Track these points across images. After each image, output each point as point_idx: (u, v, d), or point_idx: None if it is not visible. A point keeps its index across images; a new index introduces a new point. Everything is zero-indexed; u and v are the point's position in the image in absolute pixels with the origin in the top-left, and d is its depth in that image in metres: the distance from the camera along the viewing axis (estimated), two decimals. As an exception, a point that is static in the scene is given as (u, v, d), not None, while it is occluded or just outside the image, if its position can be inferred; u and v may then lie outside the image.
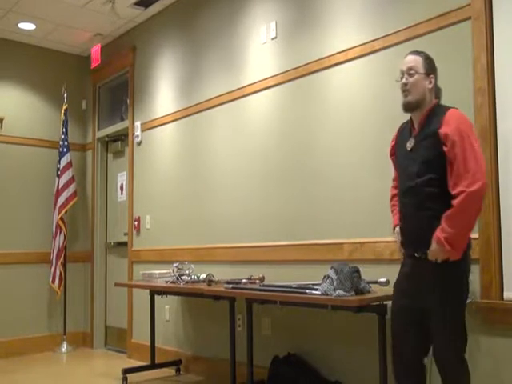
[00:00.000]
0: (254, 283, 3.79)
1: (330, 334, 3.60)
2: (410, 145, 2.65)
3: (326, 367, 3.60)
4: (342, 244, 3.52)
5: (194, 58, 4.95)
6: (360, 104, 3.53)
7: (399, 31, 3.30)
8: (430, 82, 2.62)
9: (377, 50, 3.43)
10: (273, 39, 4.16)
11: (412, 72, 2.61)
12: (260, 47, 4.27)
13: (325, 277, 3.02)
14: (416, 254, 2.57)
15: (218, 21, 4.69)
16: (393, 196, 2.90)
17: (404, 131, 2.75)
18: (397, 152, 2.78)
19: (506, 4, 2.85)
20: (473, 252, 2.61)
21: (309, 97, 3.86)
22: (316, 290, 3.02)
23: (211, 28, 4.77)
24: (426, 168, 2.53)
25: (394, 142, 2.84)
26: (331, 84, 3.72)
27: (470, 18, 2.96)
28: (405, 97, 2.63)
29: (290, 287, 3.26)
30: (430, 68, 2.64)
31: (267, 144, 4.17)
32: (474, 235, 2.82)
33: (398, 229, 2.76)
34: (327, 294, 2.93)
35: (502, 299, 2.77)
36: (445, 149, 2.47)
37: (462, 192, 2.39)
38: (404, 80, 2.63)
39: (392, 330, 2.68)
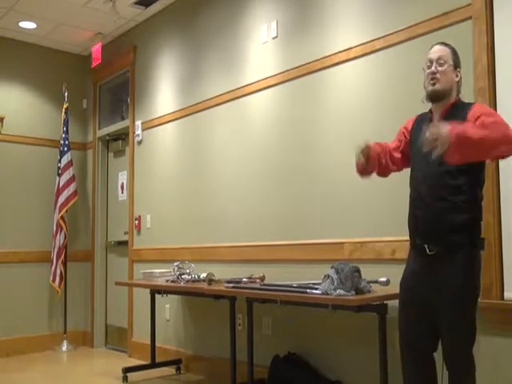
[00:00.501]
0: (255, 282, 3.79)
1: (331, 334, 3.61)
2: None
3: (326, 366, 3.61)
4: (342, 243, 3.52)
5: (194, 57, 4.95)
6: (361, 103, 3.53)
7: (400, 31, 3.30)
8: (457, 76, 2.60)
9: (378, 49, 3.43)
10: (273, 38, 4.16)
11: (442, 61, 2.56)
12: (261, 46, 4.27)
13: (325, 276, 3.02)
14: (428, 251, 2.50)
15: (219, 20, 4.69)
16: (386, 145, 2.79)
17: (422, 122, 2.65)
18: (413, 139, 2.68)
19: (506, 4, 2.84)
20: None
21: (309, 96, 3.86)
22: (316, 289, 3.02)
23: (212, 27, 4.77)
24: None
25: (409, 126, 2.74)
26: (332, 83, 3.72)
27: (470, 17, 2.96)
28: (432, 85, 2.56)
29: (291, 286, 3.26)
30: (458, 62, 2.61)
31: (268, 143, 4.18)
32: (475, 235, 2.84)
33: (368, 143, 2.65)
34: (328, 294, 2.93)
35: (503, 299, 2.77)
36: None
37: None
38: (433, 68, 2.57)
39: (399, 327, 2.63)
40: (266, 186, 4.17)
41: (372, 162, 2.70)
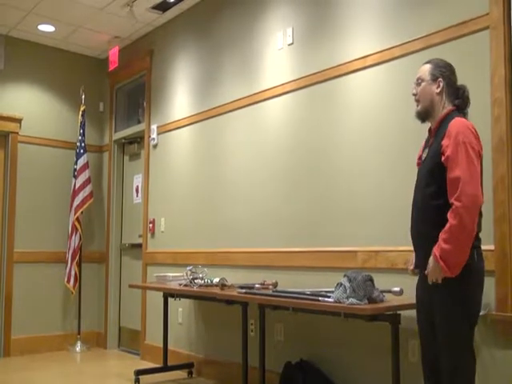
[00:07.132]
0: (267, 289, 3.80)
1: (343, 342, 3.60)
2: (424, 155, 2.66)
3: (338, 375, 3.60)
4: (355, 252, 3.51)
5: (210, 62, 4.97)
6: (376, 111, 3.51)
7: (417, 39, 3.28)
8: (438, 86, 2.59)
9: (395, 57, 3.41)
10: (289, 45, 4.16)
11: (419, 81, 2.65)
12: (276, 53, 4.28)
13: (338, 284, 3.01)
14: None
15: (235, 26, 4.71)
16: None
17: (426, 141, 2.73)
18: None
19: (525, 14, 2.82)
20: (488, 264, 2.58)
21: (325, 103, 3.86)
22: (329, 297, 3.02)
23: (228, 33, 4.78)
24: (430, 179, 2.50)
25: (420, 152, 2.77)
26: (347, 91, 3.71)
27: (488, 27, 2.94)
28: (417, 107, 2.67)
29: (303, 294, 3.26)
30: (438, 72, 2.60)
31: (283, 149, 4.18)
32: (490, 247, 2.81)
33: None
34: (340, 302, 2.93)
35: (517, 312, 2.74)
36: (442, 158, 2.44)
37: (452, 204, 2.35)
38: (414, 91, 2.68)
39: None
40: (280, 192, 4.17)
41: None
